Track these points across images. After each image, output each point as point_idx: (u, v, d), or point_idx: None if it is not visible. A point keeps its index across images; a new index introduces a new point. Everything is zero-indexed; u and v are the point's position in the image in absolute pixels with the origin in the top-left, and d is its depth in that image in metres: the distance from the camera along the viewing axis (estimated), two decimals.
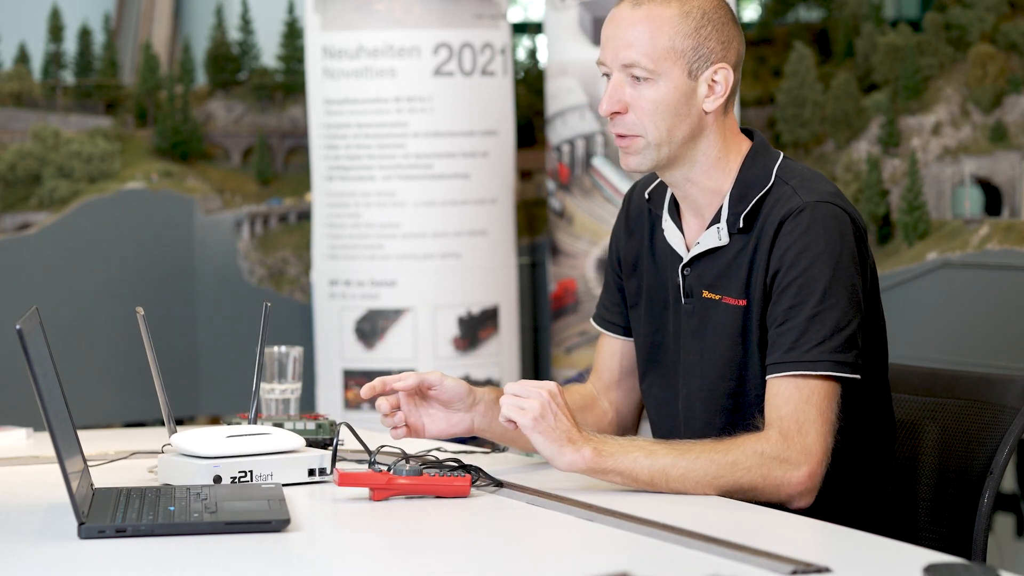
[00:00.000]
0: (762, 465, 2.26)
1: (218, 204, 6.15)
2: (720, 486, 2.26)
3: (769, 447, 2.27)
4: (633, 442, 2.30)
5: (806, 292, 2.31)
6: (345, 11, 5.25)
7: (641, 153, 2.40)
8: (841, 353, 2.29)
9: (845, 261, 2.32)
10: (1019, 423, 2.43)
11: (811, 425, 2.27)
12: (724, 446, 2.28)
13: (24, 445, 2.87)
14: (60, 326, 5.54)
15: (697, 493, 2.27)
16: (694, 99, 2.38)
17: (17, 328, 2.00)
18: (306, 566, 1.96)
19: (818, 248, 2.32)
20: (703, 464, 2.26)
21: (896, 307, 5.20)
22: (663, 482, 2.27)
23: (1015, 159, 5.54)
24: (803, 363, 2.29)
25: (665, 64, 2.36)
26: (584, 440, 2.27)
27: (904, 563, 1.86)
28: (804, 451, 2.27)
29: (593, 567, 1.79)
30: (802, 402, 2.28)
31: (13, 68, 6.29)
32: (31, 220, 5.94)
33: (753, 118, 6.27)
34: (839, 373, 2.29)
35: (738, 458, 2.26)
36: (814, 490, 2.28)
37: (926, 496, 2.53)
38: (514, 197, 5.45)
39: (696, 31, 2.37)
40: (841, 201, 2.37)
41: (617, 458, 2.27)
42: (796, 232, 2.33)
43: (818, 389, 2.29)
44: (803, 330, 2.30)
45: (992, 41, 5.79)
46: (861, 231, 2.38)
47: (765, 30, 6.72)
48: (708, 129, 2.41)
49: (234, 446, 2.38)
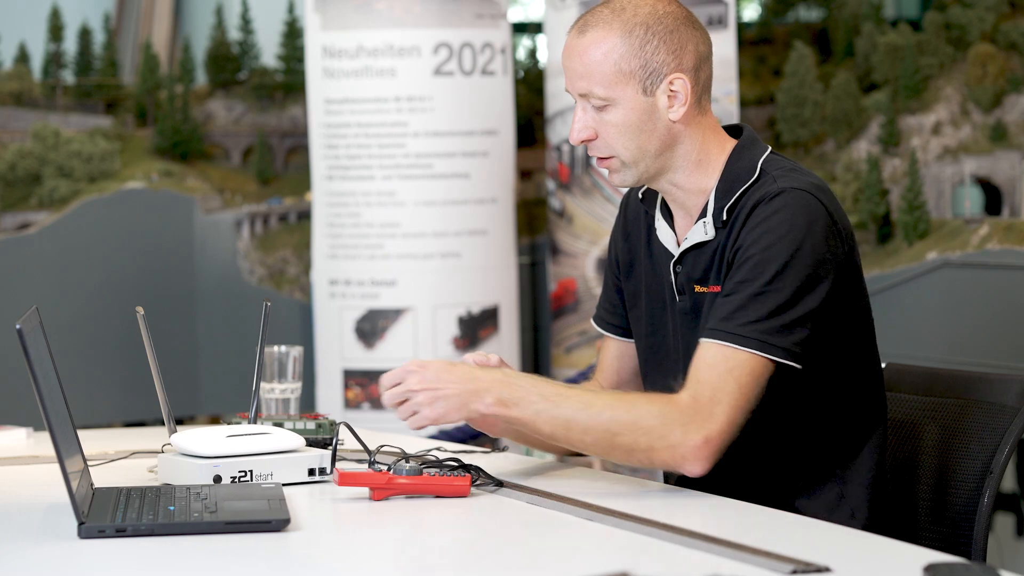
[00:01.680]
0: (663, 426, 2.26)
1: (218, 204, 6.15)
2: (618, 444, 2.27)
3: (674, 409, 2.27)
4: (538, 388, 2.31)
5: (757, 271, 2.30)
6: (345, 11, 5.25)
7: (621, 171, 2.43)
8: (775, 335, 2.28)
9: (805, 251, 2.31)
10: (1019, 423, 2.43)
11: (725, 396, 2.27)
12: (628, 403, 2.29)
13: (24, 445, 2.87)
14: (60, 326, 5.54)
15: (595, 451, 2.29)
16: (656, 113, 2.39)
17: (17, 328, 2.00)
18: (306, 566, 1.96)
19: (781, 231, 2.31)
20: (604, 421, 2.27)
21: (896, 307, 5.20)
22: (563, 436, 2.29)
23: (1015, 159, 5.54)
24: (734, 335, 2.29)
25: (617, 88, 2.37)
26: (486, 387, 2.30)
27: (904, 563, 1.86)
28: (710, 418, 2.26)
29: (593, 567, 1.79)
30: (724, 372, 2.28)
31: (13, 68, 6.30)
32: (31, 220, 5.94)
33: (753, 118, 6.27)
34: (767, 354, 2.28)
35: (640, 417, 2.27)
36: (708, 459, 2.26)
37: (926, 496, 2.53)
38: (514, 197, 5.46)
39: (641, 48, 2.36)
40: (822, 194, 2.36)
41: (521, 408, 2.30)
42: (765, 213, 2.33)
43: (744, 364, 2.28)
44: (743, 305, 2.30)
45: (992, 41, 5.79)
46: (839, 228, 2.35)
47: (765, 30, 6.72)
48: (682, 135, 2.41)
49: (234, 446, 2.38)
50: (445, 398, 2.31)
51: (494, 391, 2.30)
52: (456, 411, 2.31)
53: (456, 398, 2.30)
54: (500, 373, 2.34)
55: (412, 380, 2.32)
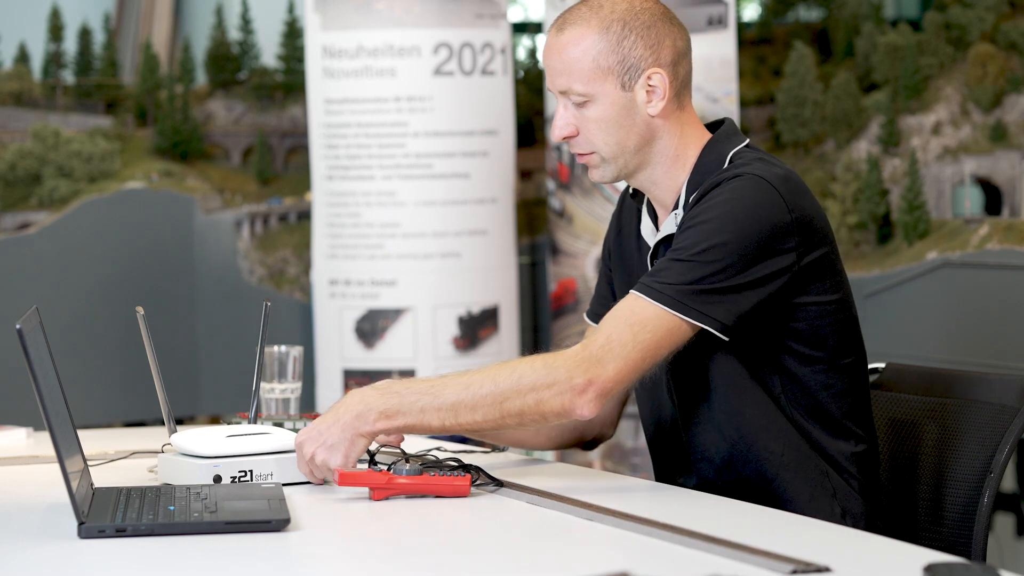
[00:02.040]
0: (548, 374, 2.27)
1: (218, 204, 6.15)
2: (508, 410, 2.28)
3: (559, 358, 2.28)
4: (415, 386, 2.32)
5: (693, 239, 2.31)
6: (345, 11, 5.25)
7: (601, 167, 2.45)
8: (690, 297, 2.28)
9: (746, 233, 2.30)
10: (1019, 423, 2.43)
11: (619, 347, 2.27)
12: (508, 369, 2.30)
13: (24, 445, 2.87)
14: (60, 326, 5.54)
15: (489, 425, 2.29)
16: (635, 108, 2.41)
17: (17, 328, 2.00)
18: (306, 566, 1.96)
19: (726, 208, 2.31)
20: (488, 393, 2.28)
21: (896, 307, 5.20)
22: (454, 423, 2.30)
23: (1015, 158, 5.54)
24: (649, 289, 2.29)
25: (595, 84, 2.39)
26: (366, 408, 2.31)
27: (904, 563, 1.86)
28: (597, 363, 2.27)
29: (593, 567, 1.79)
30: (626, 323, 2.28)
31: (13, 68, 6.29)
32: (31, 220, 5.94)
33: (753, 118, 6.27)
34: (678, 312, 2.27)
35: (522, 376, 2.28)
36: (594, 401, 2.26)
37: (926, 496, 2.53)
38: (514, 197, 5.45)
39: (618, 44, 2.38)
40: (781, 184, 2.34)
41: (405, 413, 2.30)
42: (718, 192, 2.34)
43: (650, 320, 2.28)
44: (668, 267, 2.31)
45: (992, 41, 5.79)
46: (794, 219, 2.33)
47: (765, 30, 6.72)
48: (661, 130, 2.43)
49: (234, 446, 2.38)
50: (336, 443, 2.32)
51: (373, 408, 2.32)
52: (352, 446, 2.32)
53: (344, 435, 2.32)
54: (371, 389, 2.35)
55: (306, 448, 2.34)
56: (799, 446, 2.39)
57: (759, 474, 2.38)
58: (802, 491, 2.38)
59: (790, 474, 2.38)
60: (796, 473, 2.38)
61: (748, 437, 2.38)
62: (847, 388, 2.42)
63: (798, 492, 2.37)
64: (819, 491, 2.39)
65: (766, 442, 2.38)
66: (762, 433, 2.38)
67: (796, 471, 2.38)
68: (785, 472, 2.38)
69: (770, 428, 2.38)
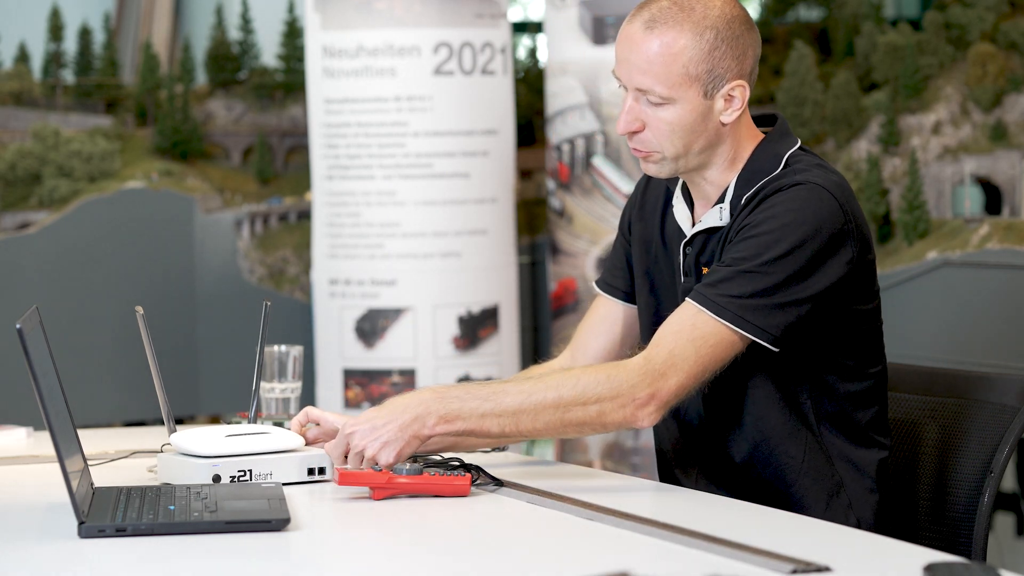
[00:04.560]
0: (610, 389, 2.27)
1: (218, 203, 6.15)
2: (569, 420, 2.28)
3: (622, 371, 2.28)
4: (473, 392, 2.31)
5: (756, 250, 2.30)
6: (345, 10, 5.25)
7: (659, 164, 2.42)
8: (751, 312, 2.27)
9: (809, 243, 2.30)
10: (1019, 423, 2.43)
11: (682, 362, 2.27)
12: (571, 379, 2.30)
13: (24, 444, 2.87)
14: (60, 325, 5.54)
15: (549, 433, 2.29)
16: (711, 115, 2.38)
17: (17, 327, 2.00)
18: (306, 565, 1.96)
19: (789, 218, 2.31)
20: (551, 402, 2.28)
21: (896, 307, 5.20)
22: (513, 430, 2.29)
23: (1015, 158, 5.53)
24: (711, 302, 2.29)
25: (680, 90, 2.35)
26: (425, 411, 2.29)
27: (904, 563, 1.86)
28: (660, 378, 2.27)
29: (593, 567, 1.79)
30: (687, 340, 2.28)
31: (13, 67, 6.29)
32: (31, 219, 5.94)
33: None
34: (739, 328, 2.27)
35: (586, 387, 2.28)
36: (656, 413, 2.28)
37: (926, 496, 2.53)
38: (514, 196, 5.45)
39: (710, 53, 2.35)
40: (840, 193, 2.34)
41: (465, 418, 2.30)
42: (779, 199, 2.33)
43: (710, 334, 2.28)
44: (730, 277, 2.30)
45: (992, 40, 5.79)
46: (851, 229, 2.34)
47: (765, 29, 6.72)
48: (726, 135, 2.41)
49: (233, 445, 2.38)
50: (391, 441, 2.30)
51: (433, 412, 2.31)
52: (407, 445, 2.30)
53: (401, 435, 2.30)
54: (429, 392, 2.33)
55: (355, 440, 2.32)
56: (819, 455, 2.39)
57: (779, 478, 2.38)
58: (819, 499, 2.38)
59: (809, 481, 2.38)
60: (815, 481, 2.38)
61: (771, 441, 2.38)
62: (872, 396, 2.42)
63: (816, 500, 2.37)
64: (835, 501, 2.39)
65: (788, 447, 2.38)
66: (785, 439, 2.38)
67: (815, 479, 2.38)
68: (804, 479, 2.38)
69: (794, 434, 2.38)
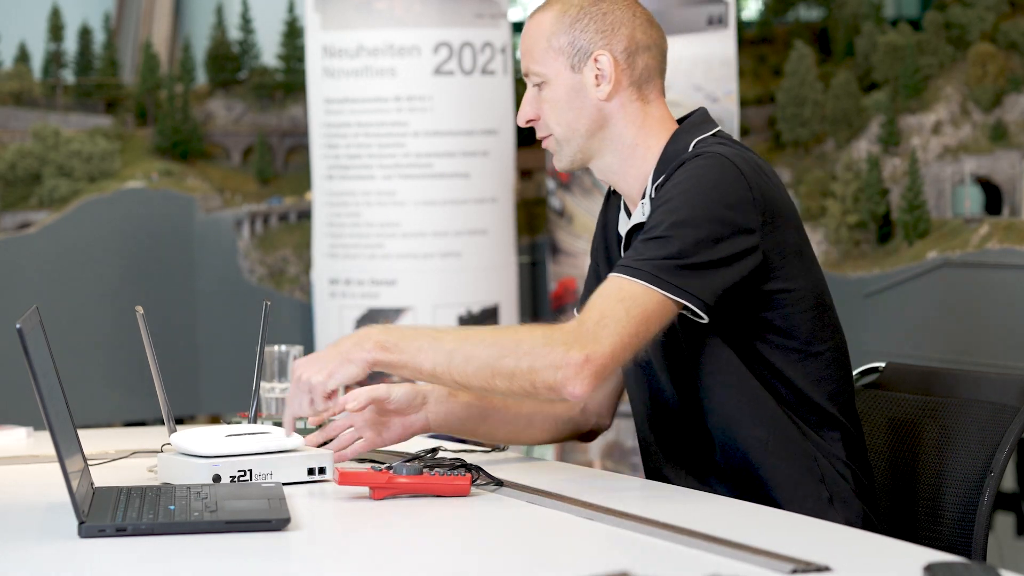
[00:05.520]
0: (546, 345, 2.28)
1: (218, 203, 6.15)
2: (500, 369, 2.28)
3: (558, 332, 2.30)
4: (418, 330, 2.36)
5: (662, 217, 2.34)
6: (345, 10, 5.25)
7: (557, 152, 2.49)
8: (668, 273, 2.30)
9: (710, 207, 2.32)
10: (1019, 423, 2.43)
11: (612, 322, 2.28)
12: (511, 331, 2.35)
13: (24, 444, 2.87)
14: (60, 325, 5.54)
15: (478, 381, 2.30)
16: (584, 91, 2.46)
17: (17, 327, 2.00)
18: (306, 565, 1.96)
19: (689, 185, 2.35)
20: (486, 347, 2.30)
21: (896, 307, 5.20)
22: (445, 370, 2.31)
23: (1015, 158, 5.54)
24: (630, 269, 2.32)
25: (548, 65, 2.46)
26: (364, 335, 2.33)
27: (904, 562, 1.86)
28: (594, 340, 2.27)
29: (593, 567, 1.79)
30: (616, 300, 2.30)
31: (13, 67, 6.30)
32: (31, 219, 5.94)
33: (753, 117, 6.27)
34: (659, 288, 2.29)
35: (522, 340, 2.30)
36: (589, 379, 2.27)
37: (926, 496, 2.53)
38: (514, 196, 5.46)
39: (571, 27, 2.45)
40: (746, 168, 2.37)
41: (401, 348, 2.32)
42: (682, 172, 2.38)
43: (636, 296, 2.30)
44: (643, 247, 2.34)
45: (992, 40, 5.79)
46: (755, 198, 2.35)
47: (765, 29, 6.72)
48: (614, 117, 2.46)
49: (233, 445, 2.38)
50: (327, 359, 2.35)
51: (373, 337, 2.34)
52: (340, 365, 2.33)
53: (337, 354, 2.34)
54: (380, 325, 2.40)
55: (297, 372, 2.36)
56: (787, 432, 2.39)
57: (747, 460, 2.39)
58: (789, 477, 2.38)
59: (776, 460, 2.39)
60: (782, 460, 2.39)
61: (736, 424, 2.39)
62: (826, 376, 2.42)
63: (785, 478, 2.38)
64: (806, 477, 2.39)
65: (751, 429, 2.39)
66: (749, 420, 2.39)
67: (782, 458, 2.39)
68: (772, 459, 2.39)
69: (757, 415, 2.39)
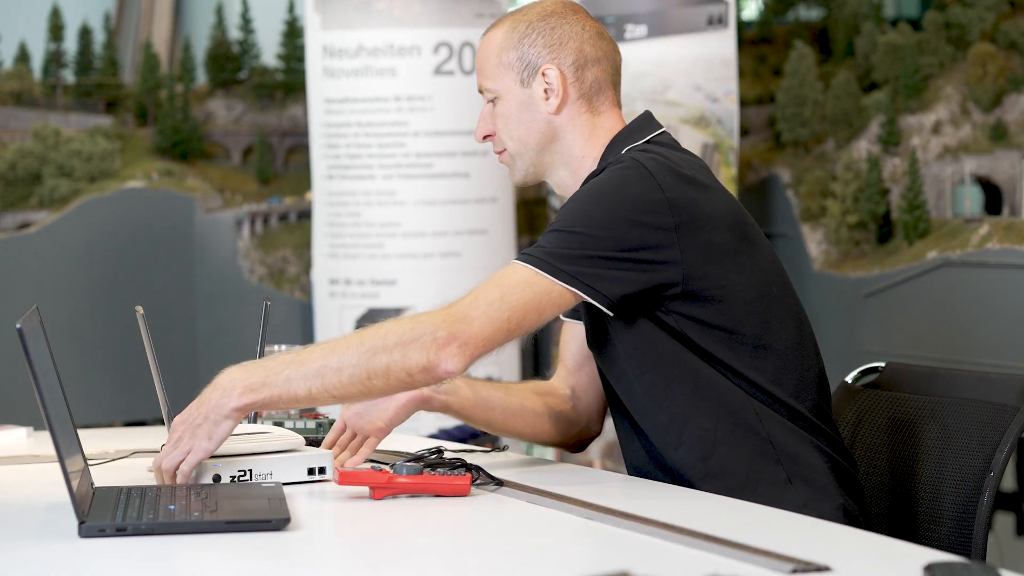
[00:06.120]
0: (413, 330, 2.27)
1: (218, 203, 6.15)
2: (374, 368, 2.26)
3: (426, 316, 2.29)
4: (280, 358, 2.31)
5: (562, 215, 2.35)
6: (345, 10, 5.25)
7: (512, 167, 2.51)
8: (563, 262, 2.29)
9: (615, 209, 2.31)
10: (1019, 422, 2.43)
11: (485, 304, 2.28)
12: (376, 328, 2.30)
13: (24, 444, 2.87)
14: (60, 325, 5.54)
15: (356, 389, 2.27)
16: (534, 105, 2.46)
17: (17, 327, 2.00)
18: (306, 565, 1.96)
19: (593, 187, 2.36)
20: (355, 352, 2.27)
21: (896, 307, 5.20)
22: (320, 389, 2.28)
23: (1015, 158, 5.54)
24: (523, 255, 2.32)
25: (499, 80, 2.47)
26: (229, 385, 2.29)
27: (904, 562, 1.86)
28: (463, 319, 2.27)
29: (593, 567, 1.79)
30: (495, 284, 2.30)
31: (13, 67, 6.30)
32: (31, 219, 5.94)
33: (753, 117, 6.27)
34: (542, 271, 2.29)
35: (388, 332, 2.28)
36: (459, 356, 2.26)
37: (926, 496, 2.53)
38: (514, 196, 5.45)
39: (519, 42, 2.46)
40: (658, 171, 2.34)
41: (270, 385, 2.29)
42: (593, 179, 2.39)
43: (520, 283, 2.29)
44: (543, 238, 2.34)
45: (992, 40, 5.79)
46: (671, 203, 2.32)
47: (765, 29, 6.72)
48: (564, 131, 2.47)
49: (233, 445, 2.38)
50: (202, 421, 2.29)
51: (238, 384, 2.30)
52: (216, 424, 2.29)
53: (210, 414, 2.29)
54: (238, 366, 2.34)
55: (176, 433, 2.31)
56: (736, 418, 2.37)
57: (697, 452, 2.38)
58: (740, 462, 2.37)
59: (726, 448, 2.38)
60: (732, 447, 2.38)
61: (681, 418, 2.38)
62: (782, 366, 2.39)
63: (737, 464, 2.37)
64: (760, 460, 2.37)
65: (698, 420, 2.38)
66: (694, 413, 2.38)
67: (732, 445, 2.38)
68: (721, 447, 2.37)
69: (701, 407, 2.37)
